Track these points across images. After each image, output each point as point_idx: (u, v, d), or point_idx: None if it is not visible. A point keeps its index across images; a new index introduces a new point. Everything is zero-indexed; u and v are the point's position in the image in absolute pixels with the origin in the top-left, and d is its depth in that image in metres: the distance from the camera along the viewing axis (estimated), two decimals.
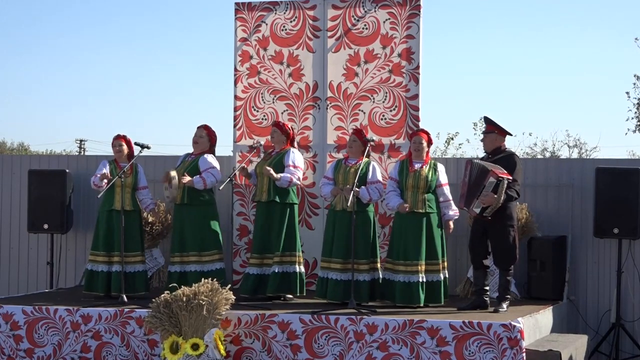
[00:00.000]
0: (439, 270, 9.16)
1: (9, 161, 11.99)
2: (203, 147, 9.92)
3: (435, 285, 9.13)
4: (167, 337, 8.31)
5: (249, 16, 10.76)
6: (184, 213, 9.72)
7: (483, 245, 9.10)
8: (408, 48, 10.34)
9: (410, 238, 9.11)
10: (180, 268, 9.68)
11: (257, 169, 9.63)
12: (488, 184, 8.76)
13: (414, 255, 9.06)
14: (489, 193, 8.74)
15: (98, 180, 9.65)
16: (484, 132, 9.25)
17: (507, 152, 9.16)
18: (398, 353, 8.18)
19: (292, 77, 10.64)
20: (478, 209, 8.86)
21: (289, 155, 9.55)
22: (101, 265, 9.75)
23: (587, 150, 32.88)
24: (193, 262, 9.70)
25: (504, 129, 9.16)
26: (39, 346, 8.86)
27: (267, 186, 9.49)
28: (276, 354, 8.41)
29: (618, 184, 9.90)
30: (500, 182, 8.71)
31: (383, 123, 10.40)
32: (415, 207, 9.13)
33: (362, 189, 9.16)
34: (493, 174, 8.76)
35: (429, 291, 9.10)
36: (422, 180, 9.13)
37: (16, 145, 51.71)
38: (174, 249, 9.78)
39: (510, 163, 8.98)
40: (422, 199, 9.12)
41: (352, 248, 8.92)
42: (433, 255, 9.13)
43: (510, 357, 7.94)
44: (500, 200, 8.74)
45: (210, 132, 9.95)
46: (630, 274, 10.21)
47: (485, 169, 8.84)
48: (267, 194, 9.49)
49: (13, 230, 11.74)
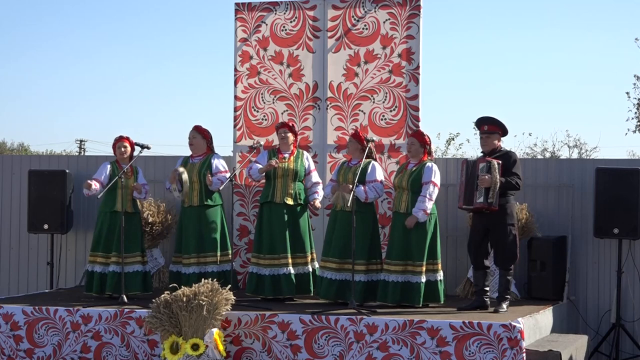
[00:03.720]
0: (422, 272, 9.02)
1: (9, 161, 11.99)
2: (200, 147, 9.93)
3: (415, 286, 9.04)
4: (167, 337, 8.32)
5: (249, 16, 10.76)
6: (201, 214, 9.77)
7: (483, 245, 9.10)
8: (408, 48, 10.34)
9: (395, 238, 9.11)
10: (199, 269, 9.70)
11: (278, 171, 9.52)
12: (480, 170, 8.85)
13: (396, 255, 9.05)
14: (484, 174, 8.78)
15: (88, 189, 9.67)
16: (487, 132, 9.13)
17: (505, 151, 9.18)
18: (398, 353, 8.18)
19: (292, 78, 10.65)
20: (481, 198, 8.86)
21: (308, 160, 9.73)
22: (100, 266, 9.77)
23: (587, 151, 32.90)
24: (210, 263, 9.75)
25: (507, 128, 9.17)
26: (39, 346, 8.86)
27: (283, 188, 9.49)
28: (276, 354, 8.41)
29: (618, 184, 9.90)
30: (490, 164, 8.80)
31: (383, 123, 10.40)
32: (398, 208, 9.12)
33: (358, 187, 9.14)
34: (481, 160, 8.88)
35: (404, 292, 9.03)
36: (404, 181, 9.11)
37: (16, 146, 51.73)
38: (188, 250, 9.76)
39: (510, 159, 9.02)
40: (406, 199, 9.10)
41: (352, 248, 8.91)
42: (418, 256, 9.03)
43: (511, 358, 7.94)
44: (496, 180, 8.77)
45: (201, 130, 9.95)
46: (630, 274, 10.22)
47: (474, 160, 8.98)
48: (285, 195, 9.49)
49: (13, 230, 11.74)
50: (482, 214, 9.00)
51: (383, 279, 9.15)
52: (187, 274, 9.68)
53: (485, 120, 9.20)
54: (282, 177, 9.52)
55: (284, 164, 9.54)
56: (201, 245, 9.77)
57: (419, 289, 9.02)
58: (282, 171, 9.51)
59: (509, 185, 8.90)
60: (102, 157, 11.39)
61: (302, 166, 9.61)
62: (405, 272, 9.04)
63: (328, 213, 9.92)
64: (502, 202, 8.92)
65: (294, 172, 9.54)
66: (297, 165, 9.58)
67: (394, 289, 9.03)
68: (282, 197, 9.50)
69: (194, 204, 9.78)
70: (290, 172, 9.53)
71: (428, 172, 9.05)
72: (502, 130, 9.15)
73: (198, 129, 9.96)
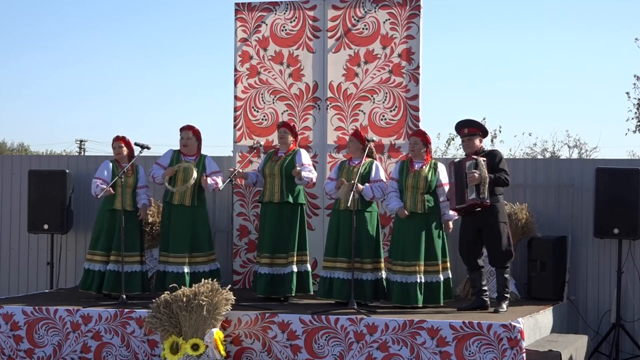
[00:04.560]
0: (439, 271, 9.15)
1: (9, 161, 11.99)
2: (193, 148, 9.92)
3: (434, 286, 9.12)
4: (167, 337, 8.32)
5: (249, 16, 10.76)
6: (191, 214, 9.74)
7: (476, 245, 9.12)
8: (408, 48, 10.34)
9: (408, 238, 9.11)
10: (190, 269, 9.69)
11: (267, 170, 9.60)
12: (467, 168, 8.88)
13: (411, 255, 9.06)
14: (472, 172, 8.81)
15: (99, 191, 9.59)
16: (468, 135, 9.16)
17: (488, 150, 9.32)
18: (398, 353, 8.18)
19: (292, 78, 10.65)
20: (473, 195, 8.88)
21: (299, 155, 9.59)
22: (98, 265, 9.76)
23: (587, 151, 32.86)
24: (201, 263, 9.74)
25: (487, 129, 9.31)
26: (39, 346, 8.86)
27: (280, 187, 9.49)
28: (276, 354, 8.41)
29: (618, 184, 9.90)
30: (476, 161, 8.87)
31: (383, 123, 10.40)
32: (414, 208, 9.13)
33: (365, 186, 9.17)
34: (468, 159, 8.94)
35: (427, 292, 9.10)
36: (421, 181, 9.13)
37: (16, 146, 51.73)
38: (178, 249, 9.72)
39: (495, 158, 9.10)
40: (422, 199, 9.12)
41: (353, 246, 8.91)
42: (432, 256, 9.13)
43: (511, 358, 7.94)
44: (485, 175, 8.81)
45: (195, 131, 9.94)
46: (630, 274, 10.21)
47: (460, 160, 9.04)
48: (280, 194, 9.48)
49: (13, 230, 11.74)
50: (472, 214, 9.01)
51: (387, 279, 9.15)
52: (176, 273, 9.63)
53: (464, 123, 9.25)
54: (279, 176, 9.52)
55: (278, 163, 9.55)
56: (192, 245, 9.73)
57: (438, 289, 9.10)
58: (279, 170, 9.51)
59: (498, 181, 8.95)
60: (102, 157, 11.37)
61: (292, 163, 9.54)
62: (429, 272, 9.09)
63: (328, 213, 9.93)
64: (493, 201, 8.95)
65: (285, 170, 9.50)
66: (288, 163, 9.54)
67: (397, 288, 9.02)
68: (280, 196, 9.49)
69: (185, 204, 9.75)
70: (282, 172, 9.50)
71: (443, 174, 9.24)
72: (482, 131, 9.25)
73: (192, 129, 9.93)
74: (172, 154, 9.93)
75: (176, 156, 9.89)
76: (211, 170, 9.81)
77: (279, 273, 9.47)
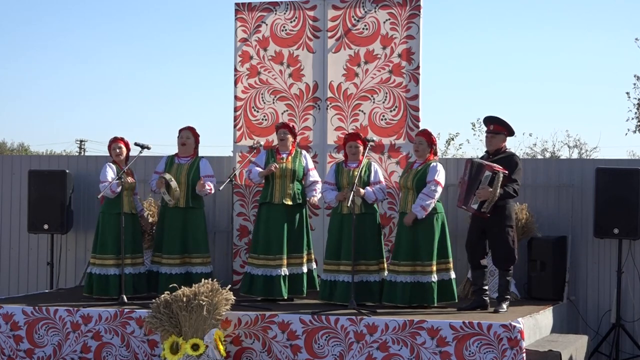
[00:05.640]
0: (431, 272, 9.03)
1: (9, 161, 11.99)
2: (190, 149, 9.91)
3: (427, 286, 9.04)
4: (167, 337, 8.31)
5: (249, 16, 10.77)
6: (186, 215, 9.73)
7: (481, 245, 9.10)
8: (408, 48, 10.34)
9: (403, 238, 9.10)
10: (184, 270, 9.68)
11: (277, 172, 9.54)
12: (484, 178, 8.78)
13: (404, 255, 9.04)
14: (485, 187, 8.75)
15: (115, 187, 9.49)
16: (492, 132, 9.11)
17: (508, 153, 9.14)
18: (398, 353, 8.18)
19: (292, 78, 10.65)
20: (475, 205, 8.85)
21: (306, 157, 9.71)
22: (112, 269, 9.65)
23: (587, 151, 32.95)
24: (197, 265, 9.74)
25: (513, 129, 9.15)
26: (39, 346, 8.86)
27: (282, 188, 9.49)
28: (276, 354, 8.41)
29: (618, 184, 9.90)
30: (495, 175, 8.73)
31: (383, 123, 10.40)
32: (404, 208, 9.11)
33: (367, 190, 9.16)
34: (489, 168, 8.79)
35: (414, 292, 9.02)
36: (409, 181, 9.10)
37: (16, 146, 51.74)
38: (172, 250, 9.71)
39: (512, 163, 8.96)
40: (412, 199, 9.08)
41: (353, 248, 8.90)
42: (423, 256, 9.05)
43: (511, 358, 7.94)
44: (496, 194, 8.72)
45: (194, 133, 9.94)
46: (630, 274, 10.22)
47: (482, 164, 8.87)
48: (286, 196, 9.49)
49: (13, 230, 11.74)
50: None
51: (390, 280, 9.13)
52: (169, 274, 9.62)
53: (492, 119, 9.16)
54: (280, 178, 9.52)
55: (282, 164, 9.54)
56: (187, 247, 9.72)
57: (431, 289, 9.00)
58: (281, 172, 9.51)
59: (506, 195, 8.86)
60: (102, 157, 11.38)
61: (301, 166, 9.61)
62: (414, 273, 9.02)
63: (328, 213, 9.92)
64: (501, 203, 8.88)
65: (292, 172, 9.53)
66: (296, 165, 9.58)
67: (403, 289, 9.00)
68: (280, 198, 9.50)
69: (180, 205, 9.72)
70: (288, 173, 9.52)
71: (432, 171, 9.05)
72: (508, 131, 9.13)
73: (192, 130, 9.93)
74: (166, 160, 9.93)
75: (170, 161, 9.88)
76: (205, 174, 9.75)
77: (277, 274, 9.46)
